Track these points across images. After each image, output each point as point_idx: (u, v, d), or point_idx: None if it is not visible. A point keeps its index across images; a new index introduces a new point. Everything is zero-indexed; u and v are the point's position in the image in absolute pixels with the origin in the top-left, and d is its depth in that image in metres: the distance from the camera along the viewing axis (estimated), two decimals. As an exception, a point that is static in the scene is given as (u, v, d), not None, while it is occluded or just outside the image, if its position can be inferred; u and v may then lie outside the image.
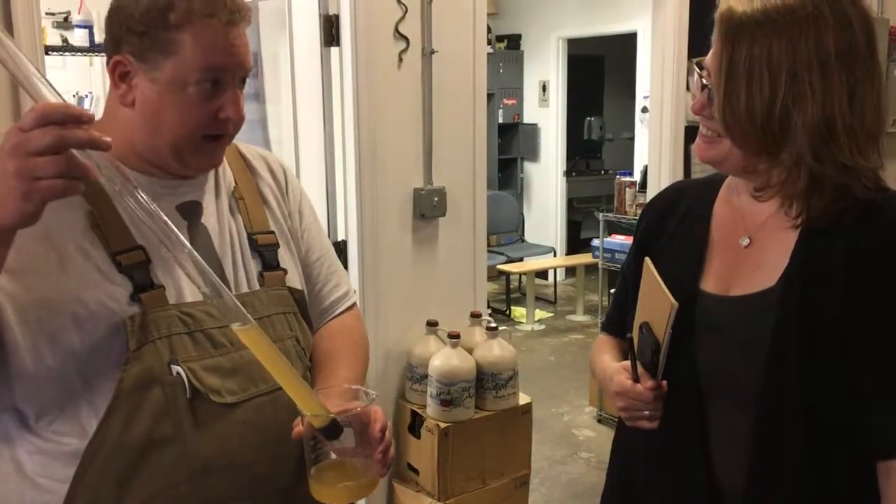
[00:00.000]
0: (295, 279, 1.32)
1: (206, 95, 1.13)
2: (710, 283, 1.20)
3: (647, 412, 1.19)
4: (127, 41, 1.13)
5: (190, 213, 1.22)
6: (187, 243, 1.02)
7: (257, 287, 1.25)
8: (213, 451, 1.14)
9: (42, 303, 1.08)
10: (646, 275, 1.22)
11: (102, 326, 1.10)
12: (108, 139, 0.91)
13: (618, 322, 1.38)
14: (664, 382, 1.18)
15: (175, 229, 1.00)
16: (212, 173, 1.27)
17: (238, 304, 1.04)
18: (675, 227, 1.29)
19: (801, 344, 1.07)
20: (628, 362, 1.20)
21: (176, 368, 1.12)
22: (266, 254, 1.27)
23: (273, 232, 1.30)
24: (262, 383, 1.17)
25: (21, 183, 0.87)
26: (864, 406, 1.06)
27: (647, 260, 1.23)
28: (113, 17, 1.14)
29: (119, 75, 1.15)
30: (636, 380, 1.19)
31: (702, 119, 1.15)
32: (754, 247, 1.18)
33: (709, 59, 1.12)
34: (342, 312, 1.42)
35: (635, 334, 1.23)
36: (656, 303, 1.16)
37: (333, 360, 1.32)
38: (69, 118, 0.87)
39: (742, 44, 1.06)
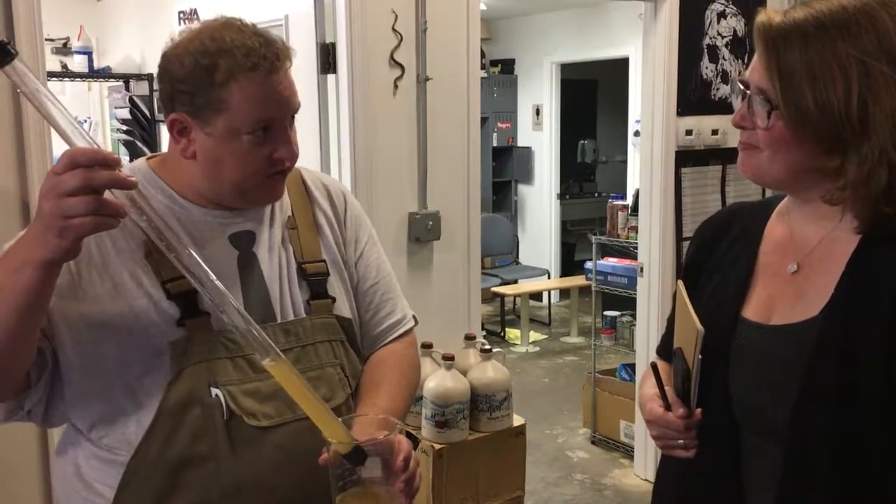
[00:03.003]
0: (344, 307, 1.34)
1: (260, 142, 1.18)
2: (752, 311, 1.16)
3: (681, 441, 1.15)
4: (179, 100, 1.18)
5: (242, 242, 1.27)
6: (222, 286, 1.07)
7: (303, 315, 1.28)
8: (246, 472, 1.17)
9: (95, 327, 1.16)
10: (678, 299, 1.19)
11: (149, 350, 1.17)
12: (133, 179, 0.99)
13: (670, 346, 1.31)
14: (698, 411, 1.13)
15: (211, 275, 1.06)
16: None
17: (268, 340, 1.08)
18: (725, 250, 1.25)
19: (838, 381, 1.03)
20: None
21: (215, 391, 1.17)
22: (314, 282, 1.30)
23: (324, 261, 1.33)
24: (300, 409, 1.17)
25: (56, 221, 0.95)
26: None
27: (680, 283, 1.21)
28: (162, 77, 1.20)
29: (178, 131, 1.20)
30: (668, 408, 1.15)
31: (741, 133, 1.14)
32: (801, 274, 1.13)
33: (753, 70, 1.11)
34: (394, 339, 1.42)
35: (673, 360, 1.20)
36: (687, 328, 1.14)
37: (375, 389, 1.33)
38: (96, 161, 0.95)
39: (792, 46, 1.05)
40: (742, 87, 1.12)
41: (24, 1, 2.01)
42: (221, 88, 1.15)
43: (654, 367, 1.19)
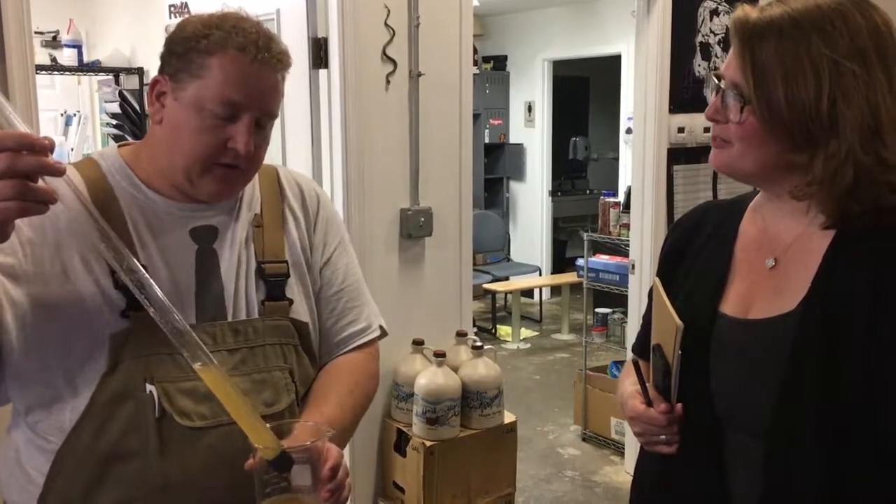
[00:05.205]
0: (302, 311, 1.32)
1: (220, 123, 1.17)
2: (730, 306, 1.17)
3: (663, 437, 1.16)
4: (168, 63, 1.20)
5: (202, 237, 1.25)
6: (149, 279, 1.07)
7: (256, 315, 1.26)
8: (174, 471, 1.16)
9: (40, 310, 1.14)
10: (656, 295, 1.20)
11: (91, 338, 1.16)
12: (62, 166, 0.97)
13: (646, 343, 1.32)
14: (678, 406, 1.15)
15: (132, 258, 1.06)
16: (236, 198, 1.30)
17: (199, 342, 1.07)
18: (700, 246, 1.27)
19: (819, 373, 1.04)
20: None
21: (150, 387, 1.16)
22: (272, 283, 1.28)
23: (285, 262, 1.31)
24: None
25: None
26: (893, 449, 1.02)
27: (657, 280, 1.22)
28: (166, 41, 1.22)
29: (156, 94, 1.21)
30: (649, 404, 1.16)
31: (713, 126, 1.15)
32: (779, 269, 1.15)
33: (728, 65, 1.12)
34: (355, 348, 1.39)
35: (651, 357, 1.21)
36: (665, 324, 1.14)
37: (324, 397, 1.31)
38: (23, 146, 0.92)
39: (767, 42, 1.06)
40: (716, 81, 1.14)
41: (12, -7, 1.99)
42: (205, 55, 1.16)
43: (636, 364, 1.20)
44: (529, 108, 7.52)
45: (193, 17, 1.22)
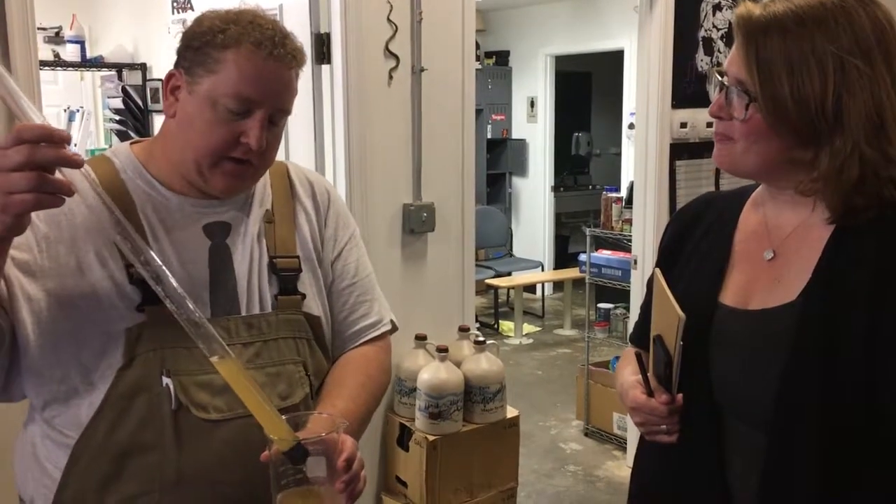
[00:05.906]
0: (315, 305, 1.33)
1: (233, 118, 1.17)
2: (730, 296, 1.18)
3: (664, 427, 1.17)
4: (184, 56, 1.20)
5: (215, 233, 1.26)
6: (165, 271, 1.08)
7: (269, 310, 1.27)
8: (190, 464, 1.17)
9: (55, 305, 1.15)
10: (656, 286, 1.21)
11: (106, 333, 1.17)
12: (80, 157, 0.98)
13: (644, 333, 1.33)
14: (679, 396, 1.15)
15: (148, 250, 1.07)
16: (248, 195, 1.31)
17: (216, 335, 1.08)
18: (700, 237, 1.28)
19: (819, 363, 1.05)
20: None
21: (166, 380, 1.17)
22: (284, 277, 1.29)
23: (297, 257, 1.32)
24: None
25: None
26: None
27: (657, 271, 1.23)
28: (182, 37, 1.22)
29: (170, 88, 1.22)
30: (650, 394, 1.17)
31: (717, 123, 1.16)
32: (777, 260, 1.16)
33: (731, 61, 1.12)
34: (367, 342, 1.40)
35: (651, 348, 1.22)
36: (667, 315, 1.15)
37: (337, 390, 1.32)
38: (42, 137, 0.93)
39: (771, 39, 1.07)
40: (720, 77, 1.14)
41: (15, -12, 1.99)
42: (221, 50, 1.16)
43: (638, 356, 1.21)
44: (532, 104, 7.51)
45: (211, 12, 1.22)
